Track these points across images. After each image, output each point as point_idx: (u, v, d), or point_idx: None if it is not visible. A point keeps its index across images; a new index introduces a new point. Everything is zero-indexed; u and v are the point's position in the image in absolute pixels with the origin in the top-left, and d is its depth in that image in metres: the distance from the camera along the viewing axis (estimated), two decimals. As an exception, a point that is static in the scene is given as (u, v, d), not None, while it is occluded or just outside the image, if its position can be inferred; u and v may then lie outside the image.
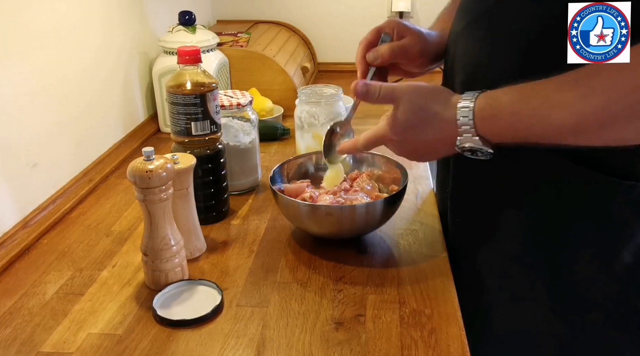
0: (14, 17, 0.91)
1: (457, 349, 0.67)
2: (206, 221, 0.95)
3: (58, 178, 1.03)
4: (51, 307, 0.77)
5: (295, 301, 0.76)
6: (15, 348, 0.69)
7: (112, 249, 0.90)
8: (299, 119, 1.10)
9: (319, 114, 1.08)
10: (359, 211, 0.85)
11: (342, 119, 0.96)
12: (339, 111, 1.10)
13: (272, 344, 0.69)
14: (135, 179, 0.73)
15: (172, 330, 0.71)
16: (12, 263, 0.86)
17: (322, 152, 0.87)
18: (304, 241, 0.90)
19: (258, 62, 1.47)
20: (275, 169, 0.94)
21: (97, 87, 1.17)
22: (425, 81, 0.77)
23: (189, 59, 0.89)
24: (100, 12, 1.18)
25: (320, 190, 0.93)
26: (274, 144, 1.29)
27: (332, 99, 1.09)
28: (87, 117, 1.13)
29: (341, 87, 1.12)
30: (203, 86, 0.90)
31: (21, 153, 0.93)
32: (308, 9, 1.90)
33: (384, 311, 0.74)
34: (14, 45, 0.91)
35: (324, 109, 1.09)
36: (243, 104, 1.03)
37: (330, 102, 1.09)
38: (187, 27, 1.34)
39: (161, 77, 1.33)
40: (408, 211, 0.98)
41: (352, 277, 0.81)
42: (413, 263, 0.84)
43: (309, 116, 1.09)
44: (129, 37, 1.31)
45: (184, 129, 0.91)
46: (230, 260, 0.86)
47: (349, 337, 0.69)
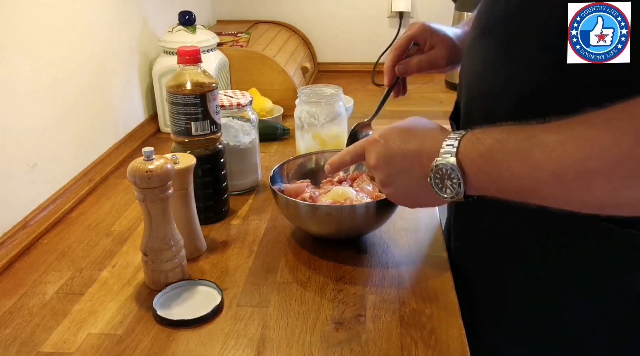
0: (14, 17, 0.91)
1: (457, 349, 0.67)
2: (206, 221, 0.95)
3: (58, 178, 1.03)
4: (51, 307, 0.77)
5: (295, 301, 0.76)
6: (15, 348, 0.69)
7: (112, 249, 0.90)
8: (299, 119, 1.10)
9: (319, 114, 1.08)
10: (358, 211, 0.85)
11: (365, 120, 0.95)
12: (339, 111, 1.10)
13: (272, 344, 0.69)
14: (135, 179, 0.73)
15: (172, 330, 0.71)
16: (12, 263, 0.86)
17: (321, 152, 0.87)
18: (304, 241, 0.90)
19: (258, 62, 1.47)
20: (275, 169, 0.94)
21: (97, 87, 1.17)
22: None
23: (189, 59, 0.89)
24: (100, 12, 1.18)
25: (320, 190, 0.93)
26: (274, 144, 1.29)
27: (332, 99, 1.09)
28: (87, 117, 1.13)
29: (341, 87, 1.12)
30: (203, 86, 0.90)
31: (21, 153, 0.93)
32: (308, 9, 1.90)
33: (384, 311, 0.74)
34: (14, 45, 0.91)
35: (324, 109, 1.09)
36: (243, 104, 1.03)
37: (330, 102, 1.09)
38: (187, 27, 1.34)
39: (161, 77, 1.33)
40: (408, 211, 0.97)
41: (352, 277, 0.81)
42: (413, 263, 0.84)
43: (309, 116, 1.09)
44: (129, 37, 1.31)
45: (184, 129, 0.91)
46: (230, 260, 0.86)
47: (349, 337, 0.69)
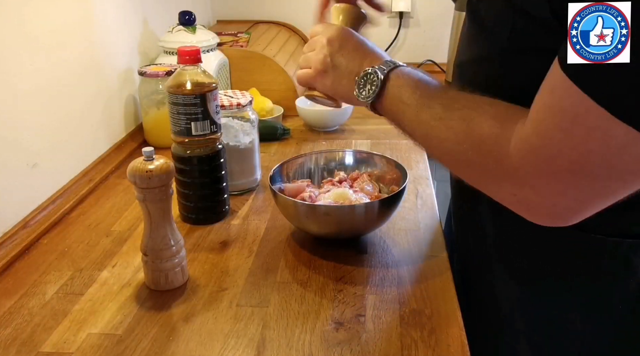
0: (14, 17, 0.91)
1: (457, 349, 0.67)
2: (206, 221, 0.95)
3: (58, 178, 1.03)
4: (51, 307, 0.77)
5: (295, 301, 0.76)
6: (15, 348, 0.69)
7: (112, 249, 0.90)
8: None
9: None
10: (358, 211, 0.85)
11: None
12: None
13: (272, 344, 0.69)
14: (136, 179, 0.73)
15: (172, 329, 0.71)
16: (12, 263, 0.86)
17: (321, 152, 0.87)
18: (304, 241, 0.90)
19: (258, 62, 1.47)
20: (275, 169, 0.94)
21: (97, 87, 1.17)
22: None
23: (189, 59, 0.89)
24: (100, 12, 1.18)
25: (320, 190, 0.93)
26: (274, 144, 1.29)
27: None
28: (87, 117, 1.13)
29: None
30: (203, 86, 0.90)
31: (21, 153, 0.93)
32: (308, 9, 1.89)
33: (384, 311, 0.74)
34: (14, 46, 0.91)
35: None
36: (243, 104, 1.03)
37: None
38: (187, 27, 1.34)
39: (161, 77, 1.32)
40: (408, 211, 0.98)
41: (352, 277, 0.81)
42: (413, 263, 0.84)
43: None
44: (129, 37, 1.31)
45: (184, 129, 0.91)
46: (230, 260, 0.86)
47: (349, 337, 0.69)
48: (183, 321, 0.73)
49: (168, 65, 1.26)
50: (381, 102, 0.68)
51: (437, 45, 1.85)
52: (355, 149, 1.14)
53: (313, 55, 0.75)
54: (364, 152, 1.02)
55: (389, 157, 0.97)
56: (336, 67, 0.73)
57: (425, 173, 1.12)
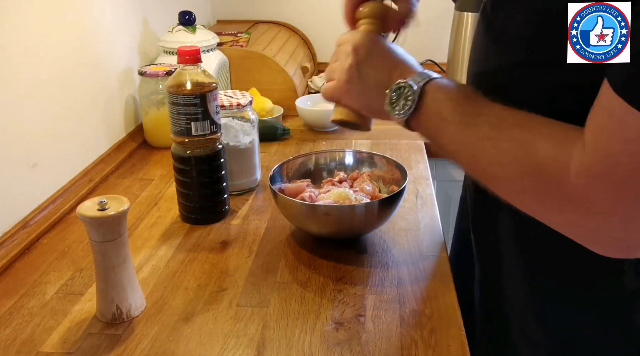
0: (14, 18, 0.91)
1: (457, 349, 0.67)
2: (206, 221, 0.95)
3: (58, 178, 1.03)
4: (51, 307, 0.77)
5: (295, 301, 0.76)
6: (15, 348, 0.69)
7: (112, 249, 0.90)
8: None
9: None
10: (358, 211, 0.85)
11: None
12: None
13: (272, 344, 0.69)
14: None
15: (172, 329, 0.71)
16: (12, 263, 0.86)
17: (322, 152, 0.87)
18: (304, 241, 0.90)
19: (258, 62, 1.47)
20: (275, 169, 0.94)
21: (97, 87, 1.17)
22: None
23: (189, 59, 0.89)
24: (100, 12, 1.18)
25: (320, 190, 0.93)
26: (274, 144, 1.29)
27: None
28: (87, 117, 1.13)
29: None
30: (203, 86, 0.90)
31: (21, 153, 0.93)
32: (308, 9, 1.90)
33: (384, 311, 0.74)
34: (14, 45, 0.91)
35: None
36: (243, 104, 1.03)
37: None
38: (187, 27, 1.34)
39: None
40: (408, 211, 0.98)
41: (352, 277, 0.81)
42: (413, 263, 0.84)
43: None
44: (129, 37, 1.31)
45: (184, 129, 0.91)
46: (230, 260, 0.86)
47: (349, 337, 0.69)
48: (183, 321, 0.73)
49: (168, 65, 1.27)
50: (417, 118, 0.62)
51: (437, 46, 1.84)
52: (355, 149, 1.14)
53: (337, 65, 0.69)
54: (364, 152, 1.02)
55: (389, 157, 0.97)
56: (363, 78, 0.67)
57: (425, 173, 1.12)
